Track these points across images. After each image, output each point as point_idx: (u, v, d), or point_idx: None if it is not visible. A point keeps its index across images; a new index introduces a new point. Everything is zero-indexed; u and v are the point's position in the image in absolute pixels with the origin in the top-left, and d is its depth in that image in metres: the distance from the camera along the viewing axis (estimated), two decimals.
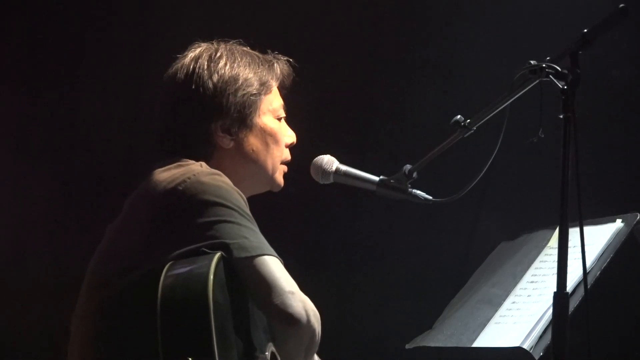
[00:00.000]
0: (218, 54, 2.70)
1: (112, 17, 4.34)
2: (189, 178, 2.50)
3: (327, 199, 4.28)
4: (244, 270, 2.45)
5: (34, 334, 4.25)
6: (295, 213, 4.33)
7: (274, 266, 2.47)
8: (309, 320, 2.46)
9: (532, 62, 2.57)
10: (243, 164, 2.70)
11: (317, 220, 4.42)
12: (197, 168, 2.55)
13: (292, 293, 2.45)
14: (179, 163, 2.58)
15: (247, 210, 2.53)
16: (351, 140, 4.34)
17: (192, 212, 2.47)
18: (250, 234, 2.48)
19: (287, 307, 2.44)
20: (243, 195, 2.55)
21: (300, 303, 2.46)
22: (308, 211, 4.37)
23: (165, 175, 2.54)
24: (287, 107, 2.82)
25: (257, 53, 2.78)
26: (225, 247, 2.43)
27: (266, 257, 2.46)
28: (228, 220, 2.47)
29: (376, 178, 2.85)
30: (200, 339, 2.29)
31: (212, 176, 2.52)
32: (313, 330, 2.49)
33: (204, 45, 2.74)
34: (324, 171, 2.90)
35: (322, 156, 2.91)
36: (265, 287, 2.45)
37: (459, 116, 2.76)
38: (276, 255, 2.50)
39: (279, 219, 4.14)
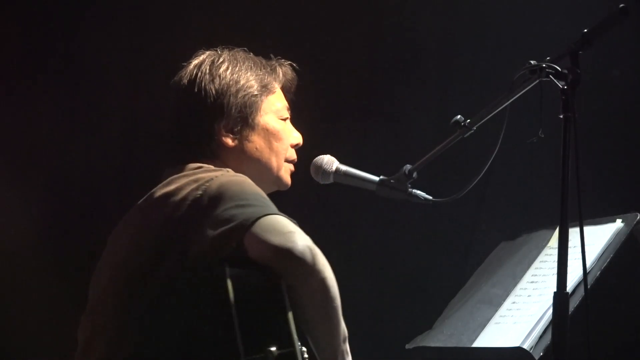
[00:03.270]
0: (220, 60, 2.76)
1: (111, 18, 4.33)
2: (211, 179, 2.53)
3: (327, 199, 4.28)
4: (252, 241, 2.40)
5: (33, 334, 4.25)
6: (295, 213, 4.31)
7: (276, 217, 2.43)
8: (314, 258, 2.39)
9: (532, 62, 2.57)
10: (248, 163, 2.73)
11: (317, 220, 4.41)
12: (219, 173, 2.58)
13: (292, 232, 2.40)
14: (203, 167, 2.62)
15: (267, 200, 2.52)
16: (351, 140, 4.34)
17: (211, 207, 2.47)
18: (260, 206, 2.45)
19: (287, 242, 2.38)
20: (262, 192, 2.56)
21: (303, 241, 2.39)
22: (308, 211, 4.36)
23: (185, 180, 2.56)
24: (289, 107, 2.83)
25: (259, 58, 2.82)
26: (241, 227, 2.41)
27: (270, 216, 2.42)
28: (241, 204, 2.46)
29: (376, 178, 2.85)
30: (280, 328, 2.32)
31: (233, 177, 2.56)
32: (320, 272, 2.41)
33: (207, 53, 2.79)
34: (324, 171, 2.90)
35: (322, 156, 2.91)
36: (268, 234, 2.40)
37: (459, 116, 2.76)
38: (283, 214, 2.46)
39: None
